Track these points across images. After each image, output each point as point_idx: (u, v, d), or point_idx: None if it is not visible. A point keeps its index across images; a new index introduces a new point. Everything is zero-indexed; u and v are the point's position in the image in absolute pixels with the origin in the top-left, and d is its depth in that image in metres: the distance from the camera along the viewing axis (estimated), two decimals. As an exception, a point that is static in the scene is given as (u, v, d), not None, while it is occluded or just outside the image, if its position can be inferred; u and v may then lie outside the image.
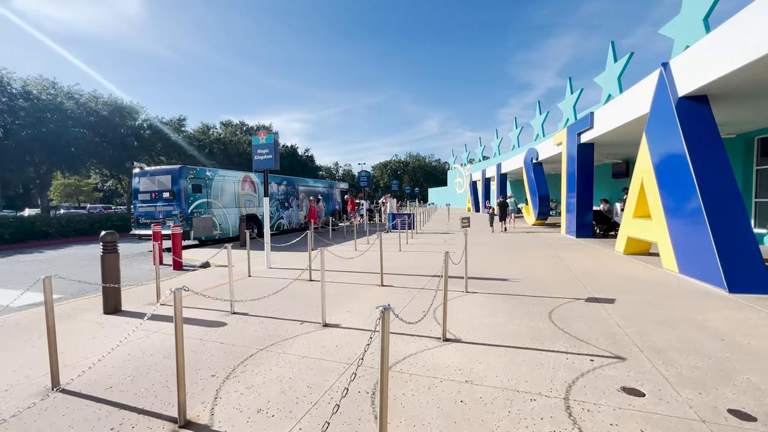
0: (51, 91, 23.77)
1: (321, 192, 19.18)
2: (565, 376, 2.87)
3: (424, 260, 8.33)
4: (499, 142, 37.49)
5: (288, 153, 53.53)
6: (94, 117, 24.01)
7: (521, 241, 11.62)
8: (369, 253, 9.23)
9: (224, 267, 8.23)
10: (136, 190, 12.18)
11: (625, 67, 17.24)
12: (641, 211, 7.86)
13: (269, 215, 15.13)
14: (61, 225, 16.69)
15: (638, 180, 7.80)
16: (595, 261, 7.79)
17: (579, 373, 2.92)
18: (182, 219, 11.39)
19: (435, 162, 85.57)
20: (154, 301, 5.24)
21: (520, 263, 7.73)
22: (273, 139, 7.48)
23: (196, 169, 12.02)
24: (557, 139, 13.86)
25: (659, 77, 7.02)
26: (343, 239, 13.16)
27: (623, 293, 5.21)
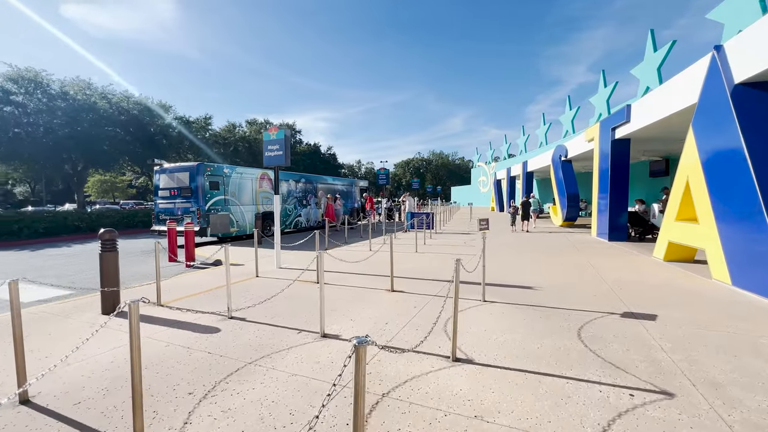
0: (87, 91, 24.86)
1: (339, 190, 18.96)
2: (598, 416, 2.36)
3: (440, 263, 7.84)
4: (526, 139, 36.10)
5: (310, 151, 54.02)
6: (125, 116, 24.92)
7: (547, 243, 10.88)
8: (383, 254, 8.83)
9: (239, 266, 8.09)
10: (156, 186, 12.35)
11: (666, 57, 15.94)
12: (686, 214, 7.03)
13: (286, 213, 15.10)
14: (92, 220, 17.32)
15: (683, 179, 6.97)
16: (630, 268, 7.05)
17: (616, 412, 2.40)
18: (199, 216, 11.42)
19: (458, 160, 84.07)
20: (156, 302, 5.07)
21: (546, 269, 7.10)
22: (284, 135, 7.22)
23: (214, 166, 12.03)
24: (589, 135, 12.93)
25: (710, 62, 6.20)
26: (359, 238, 12.83)
27: (666, 308, 4.55)
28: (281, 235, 13.63)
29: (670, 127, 9.22)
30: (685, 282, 5.91)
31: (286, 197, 15.14)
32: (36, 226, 15.01)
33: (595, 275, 6.46)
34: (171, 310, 4.73)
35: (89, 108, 23.63)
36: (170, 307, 3.06)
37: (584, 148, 13.99)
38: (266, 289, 5.75)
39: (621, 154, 10.94)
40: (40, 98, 22.17)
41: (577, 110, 26.26)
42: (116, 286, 4.65)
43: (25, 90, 21.91)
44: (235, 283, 6.19)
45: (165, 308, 4.80)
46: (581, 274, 6.57)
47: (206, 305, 4.93)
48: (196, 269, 8.09)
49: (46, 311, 4.78)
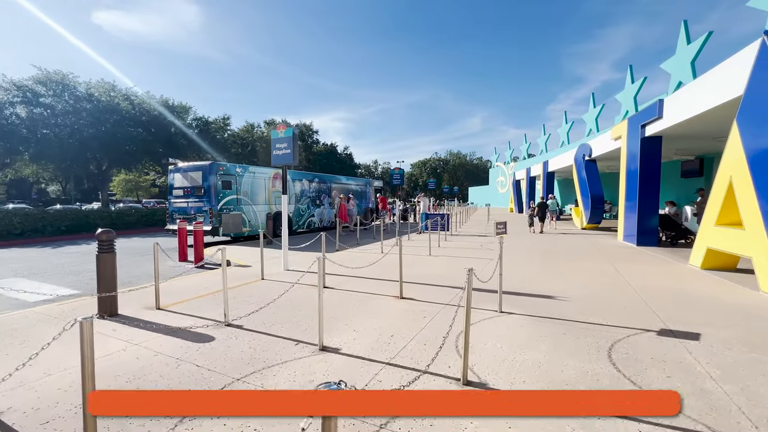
0: (111, 93, 25.59)
1: (353, 190, 18.73)
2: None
3: (455, 267, 7.43)
4: (547, 138, 34.99)
5: (327, 151, 54.18)
6: (146, 117, 25.50)
7: (571, 247, 10.26)
8: (394, 257, 8.49)
9: (245, 267, 7.93)
10: (171, 185, 12.41)
11: (701, 50, 14.90)
12: (728, 218, 6.37)
13: (299, 213, 14.97)
14: (112, 218, 17.73)
15: (724, 179, 6.32)
16: (664, 277, 6.44)
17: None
18: (212, 215, 11.38)
19: (476, 160, 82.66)
20: (155, 305, 4.89)
21: (569, 276, 6.59)
22: (292, 133, 6.98)
23: (226, 166, 11.98)
24: (616, 133, 12.19)
25: (759, 50, 5.56)
26: (372, 239, 12.53)
27: (710, 326, 4.02)
28: (293, 236, 13.59)
29: (708, 124, 8.50)
30: (730, 294, 5.30)
31: (299, 197, 15.01)
32: (59, 224, 15.42)
33: (625, 284, 5.91)
34: (169, 314, 4.54)
35: (112, 109, 24.29)
36: (170, 311, 2.83)
37: (610, 146, 13.22)
38: (270, 293, 5.49)
39: (651, 152, 10.21)
40: (67, 100, 22.95)
41: (601, 108, 25.18)
42: (114, 288, 4.49)
43: (53, 92, 22.71)
44: (238, 287, 5.98)
45: (163, 312, 4.61)
46: (609, 283, 6.03)
47: (206, 310, 4.72)
48: (204, 270, 7.97)
49: (44, 313, 4.67)
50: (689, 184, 15.56)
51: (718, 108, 7.02)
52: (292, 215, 14.61)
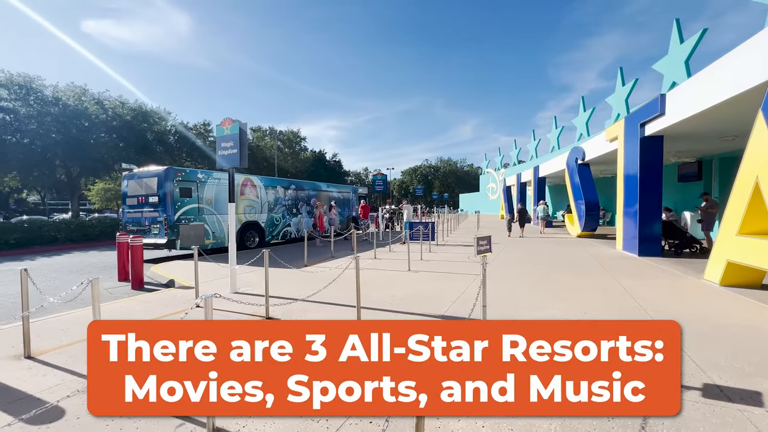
0: (82, 97, 24.19)
1: (336, 197, 17.59)
2: None
3: (435, 286, 6.32)
4: (537, 144, 34.36)
5: (315, 158, 53.04)
6: (118, 122, 24.12)
7: (567, 258, 9.24)
8: (368, 273, 7.37)
9: (190, 288, 6.74)
10: (124, 194, 11.14)
11: (695, 48, 14.25)
12: (754, 225, 5.41)
13: (272, 223, 13.74)
14: (70, 230, 16.28)
15: (748, 180, 5.37)
16: (681, 297, 5.42)
17: None
18: (167, 226, 10.14)
19: (467, 167, 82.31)
20: (24, 353, 3.67)
21: (570, 297, 5.52)
22: (238, 129, 5.86)
23: (186, 171, 10.78)
24: (611, 134, 11.33)
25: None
26: (350, 251, 11.36)
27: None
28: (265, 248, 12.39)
29: (716, 120, 7.63)
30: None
31: (273, 205, 13.83)
32: (6, 237, 13.96)
33: (637, 309, 4.85)
34: (35, 367, 3.33)
35: (81, 114, 22.90)
36: (40, 362, 1.77)
37: (605, 149, 12.37)
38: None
39: (652, 153, 9.32)
40: (31, 104, 21.52)
41: (592, 111, 24.57)
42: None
43: (16, 96, 21.28)
44: (164, 317, 4.78)
45: (30, 363, 3.40)
46: (618, 307, 4.97)
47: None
48: (142, 292, 6.75)
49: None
50: (687, 189, 14.78)
51: (731, 100, 6.11)
52: (265, 225, 13.41)
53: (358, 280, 4.36)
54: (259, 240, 13.14)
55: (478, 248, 3.46)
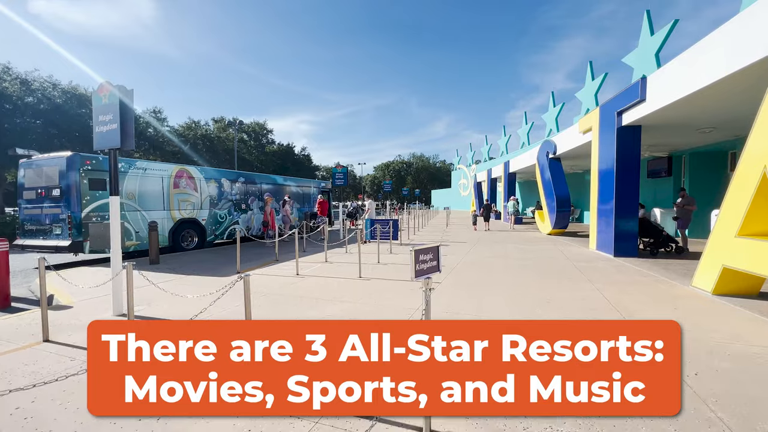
0: (4, 76, 21.08)
1: (294, 192, 16.06)
2: None
3: (382, 301, 5.11)
4: (507, 140, 34.07)
5: (282, 151, 50.59)
6: (46, 105, 21.22)
7: (539, 260, 8.32)
8: (310, 281, 6.07)
9: (68, 308, 5.17)
10: (21, 185, 9.16)
11: (666, 40, 13.84)
12: (759, 225, 4.56)
13: (217, 220, 12.08)
14: (-27, 229, 13.79)
15: (753, 171, 4.50)
16: (673, 312, 4.51)
17: None
18: (71, 226, 8.33)
19: (440, 163, 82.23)
20: None
21: (541, 306, 4.47)
22: (118, 99, 4.33)
23: (98, 158, 8.93)
24: (585, 125, 10.58)
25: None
26: (303, 252, 9.96)
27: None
28: (205, 250, 10.70)
29: (705, 105, 6.88)
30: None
31: (216, 200, 12.16)
32: None
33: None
34: None
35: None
36: None
37: (577, 141, 11.67)
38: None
39: (630, 145, 8.58)
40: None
41: (561, 107, 24.29)
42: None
43: None
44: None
45: None
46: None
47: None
48: (5, 313, 5.11)
49: None
50: (657, 185, 14.46)
51: (728, 79, 5.27)
52: (207, 223, 11.74)
53: (248, 303, 3.05)
54: (200, 240, 11.47)
55: (416, 268, 2.12)
